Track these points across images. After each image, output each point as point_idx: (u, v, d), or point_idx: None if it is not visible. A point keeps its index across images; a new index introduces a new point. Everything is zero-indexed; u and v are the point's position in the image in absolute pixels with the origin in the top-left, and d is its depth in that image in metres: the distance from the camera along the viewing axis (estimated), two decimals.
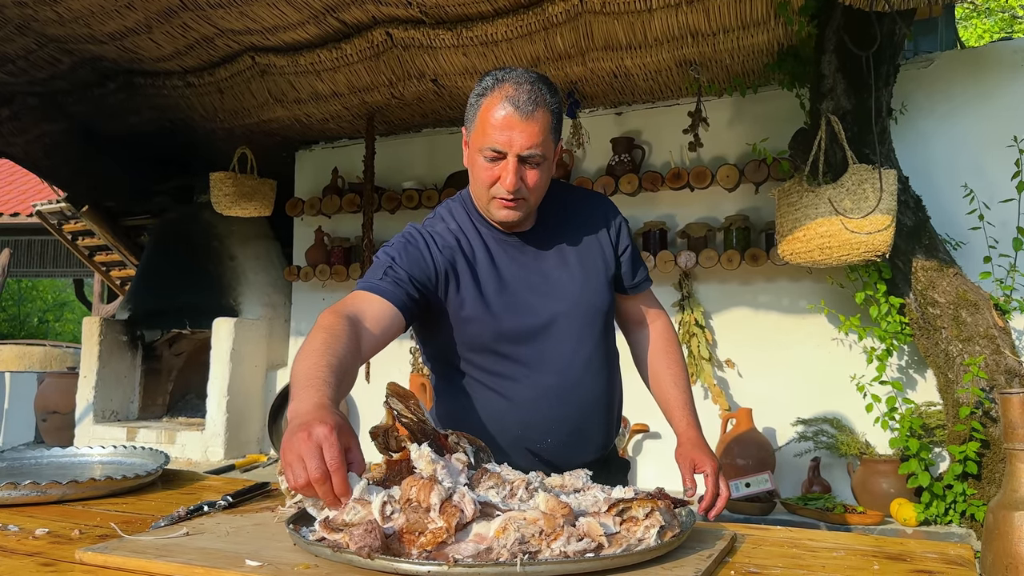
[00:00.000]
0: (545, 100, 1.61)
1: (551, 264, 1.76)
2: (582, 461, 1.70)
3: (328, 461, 1.13)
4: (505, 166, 1.59)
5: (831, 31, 3.31)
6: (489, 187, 1.63)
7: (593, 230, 1.84)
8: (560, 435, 1.74)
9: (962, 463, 3.11)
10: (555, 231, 1.79)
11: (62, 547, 1.25)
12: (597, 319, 1.80)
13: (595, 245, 1.83)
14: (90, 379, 5.51)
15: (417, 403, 1.35)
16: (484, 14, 3.63)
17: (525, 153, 1.59)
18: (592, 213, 1.86)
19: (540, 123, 1.59)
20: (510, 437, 1.73)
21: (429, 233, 1.73)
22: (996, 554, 1.40)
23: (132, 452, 1.99)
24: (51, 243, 9.52)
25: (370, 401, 5.00)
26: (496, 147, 1.59)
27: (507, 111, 1.57)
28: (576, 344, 1.75)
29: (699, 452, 1.79)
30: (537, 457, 1.74)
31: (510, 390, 1.72)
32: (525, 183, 1.62)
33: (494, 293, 1.70)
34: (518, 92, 1.59)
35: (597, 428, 1.81)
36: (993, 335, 3.14)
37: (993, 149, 3.56)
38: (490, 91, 1.62)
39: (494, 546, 1.07)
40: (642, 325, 1.99)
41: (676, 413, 1.89)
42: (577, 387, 1.75)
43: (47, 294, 21.53)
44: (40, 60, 4.37)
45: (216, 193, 4.89)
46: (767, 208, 3.98)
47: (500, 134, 1.58)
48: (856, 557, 1.25)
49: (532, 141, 1.58)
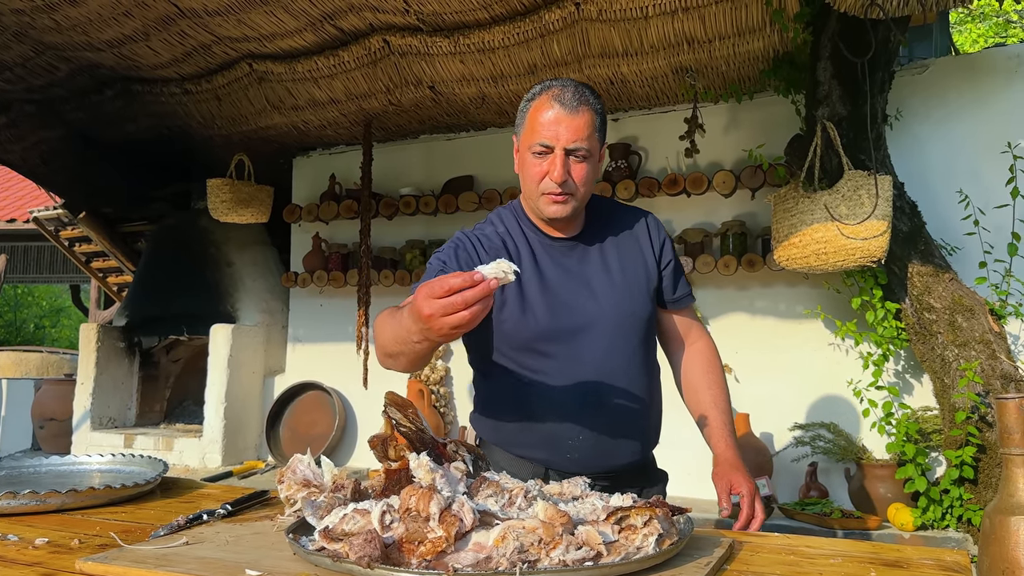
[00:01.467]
0: (589, 101, 1.72)
1: (594, 269, 1.83)
2: (616, 464, 1.79)
3: (433, 289, 1.22)
4: (553, 160, 1.69)
5: (826, 38, 3.33)
6: (539, 182, 1.73)
7: (636, 241, 1.90)
8: (592, 434, 1.76)
9: (958, 468, 3.11)
10: (600, 239, 1.86)
11: (62, 557, 1.25)
12: (636, 326, 1.84)
13: (638, 255, 1.89)
14: (87, 386, 5.50)
15: (415, 412, 1.36)
16: (481, 21, 3.64)
17: (571, 146, 1.68)
18: (637, 225, 1.93)
19: (585, 119, 1.69)
20: (544, 433, 1.77)
21: (476, 236, 1.83)
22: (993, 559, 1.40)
23: (131, 460, 1.99)
24: (48, 249, 9.52)
25: (369, 409, 5.00)
26: (544, 141, 1.69)
27: (554, 108, 1.69)
28: (613, 347, 1.79)
29: (737, 474, 1.84)
30: (569, 456, 1.76)
31: (545, 386, 1.76)
32: (572, 177, 1.71)
33: (536, 293, 1.77)
34: (563, 92, 1.70)
35: (632, 432, 1.83)
36: (989, 340, 3.15)
37: (988, 155, 3.58)
38: (538, 95, 1.74)
39: (493, 555, 1.07)
40: (683, 343, 2.03)
41: (715, 434, 1.92)
42: (611, 388, 1.78)
43: (43, 300, 21.50)
44: (37, 67, 4.38)
45: (213, 200, 4.90)
46: (763, 214, 3.99)
47: (547, 130, 1.69)
48: (853, 564, 1.26)
49: (578, 135, 1.68)
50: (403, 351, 1.50)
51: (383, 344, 1.58)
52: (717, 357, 2.03)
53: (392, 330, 1.51)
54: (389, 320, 1.55)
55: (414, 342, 1.39)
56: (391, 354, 1.57)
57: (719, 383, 1.98)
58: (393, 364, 1.61)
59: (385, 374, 4.84)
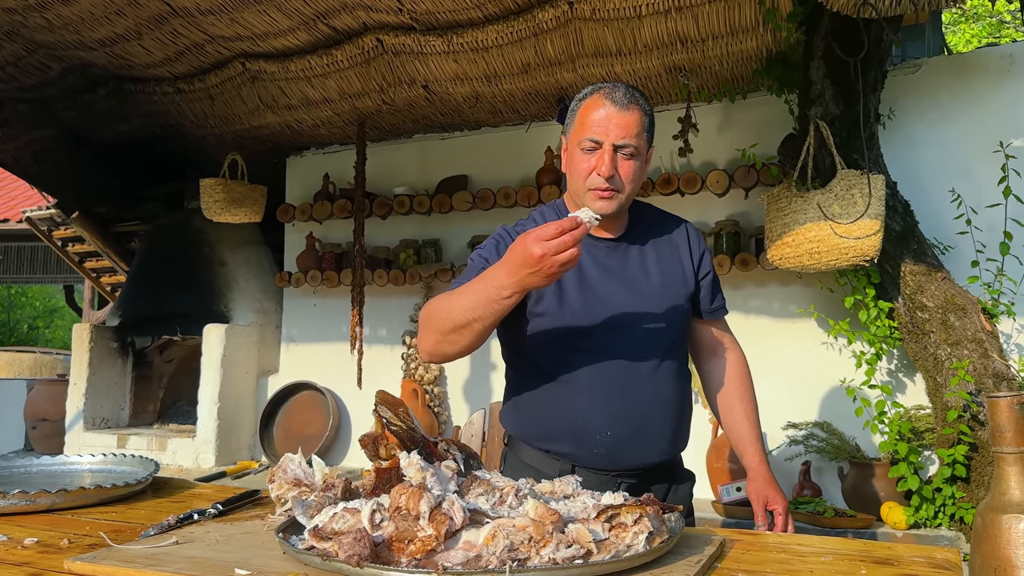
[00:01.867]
0: (639, 102, 1.75)
1: (634, 271, 1.84)
2: (644, 462, 1.80)
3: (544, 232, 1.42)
4: (601, 155, 1.72)
5: (819, 37, 3.33)
6: (586, 178, 1.75)
7: (676, 249, 1.92)
8: (620, 430, 1.77)
9: (951, 466, 3.12)
10: (641, 242, 1.88)
11: (51, 557, 1.25)
12: (670, 331, 1.85)
13: (677, 263, 1.91)
14: (80, 386, 5.48)
15: (406, 410, 1.35)
16: (474, 20, 3.64)
17: (620, 142, 1.71)
18: (677, 233, 1.95)
19: (635, 117, 1.73)
20: (571, 427, 1.77)
21: (517, 232, 1.82)
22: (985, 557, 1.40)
23: (122, 460, 1.99)
24: (41, 249, 9.49)
25: (363, 409, 5.00)
26: (593, 136, 1.72)
27: (604, 105, 1.73)
28: (646, 348, 1.80)
29: (772, 489, 1.89)
30: (596, 451, 1.77)
31: (576, 381, 1.77)
32: (619, 173, 1.73)
33: (575, 290, 1.79)
34: (615, 91, 1.74)
35: (660, 432, 1.82)
36: (981, 339, 3.16)
37: (980, 154, 3.59)
38: (589, 95, 1.78)
39: (483, 553, 1.07)
40: (716, 354, 2.06)
41: (749, 448, 1.96)
42: (642, 387, 1.79)
43: (37, 300, 21.44)
44: (29, 66, 4.36)
45: (207, 199, 4.89)
46: (757, 213, 4.00)
47: (597, 126, 1.72)
48: (844, 562, 1.26)
49: (627, 132, 1.72)
50: (480, 316, 1.57)
51: (448, 319, 1.61)
52: (749, 370, 2.07)
53: (464, 301, 1.59)
54: (452, 297, 1.63)
55: (503, 298, 1.52)
56: (461, 326, 1.60)
57: (751, 397, 2.03)
58: (458, 340, 1.63)
59: (379, 373, 4.83)
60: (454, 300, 1.61)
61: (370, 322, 4.92)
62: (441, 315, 1.63)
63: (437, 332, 1.64)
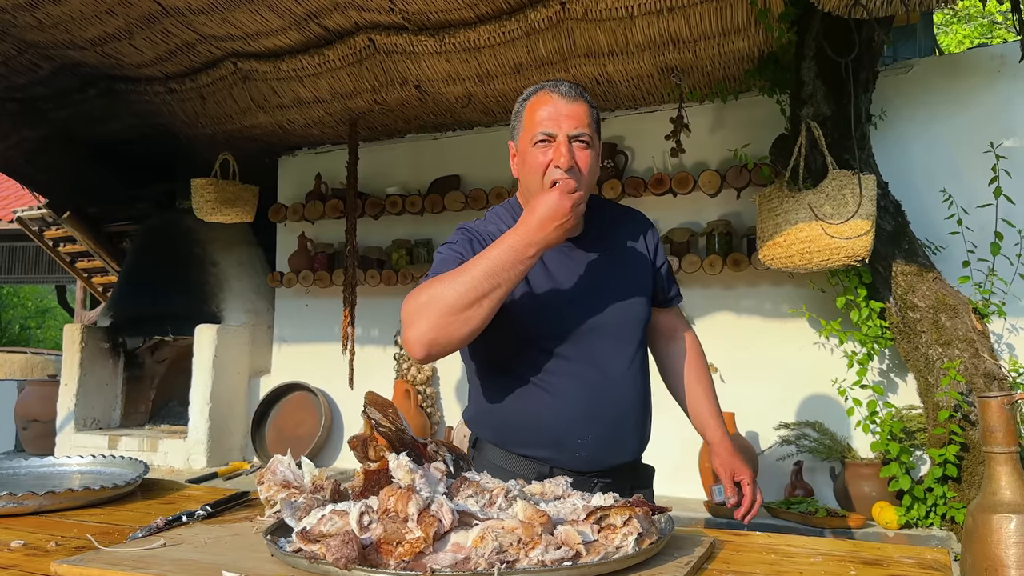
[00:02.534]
0: (584, 96, 1.76)
1: (600, 269, 1.84)
2: (620, 461, 1.82)
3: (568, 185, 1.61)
4: (557, 146, 1.70)
5: (811, 38, 3.34)
6: (543, 173, 1.71)
7: (636, 243, 1.93)
8: (601, 432, 1.77)
9: (942, 466, 3.13)
10: (602, 239, 1.88)
11: (37, 559, 1.24)
12: (638, 326, 1.87)
13: (639, 257, 1.92)
14: (71, 387, 5.46)
15: (395, 412, 1.35)
16: (466, 20, 3.63)
17: (574, 132, 1.70)
18: (634, 227, 1.96)
19: (583, 108, 1.73)
20: (553, 433, 1.77)
21: (479, 233, 1.81)
22: (976, 557, 1.41)
23: (111, 461, 1.98)
24: (32, 249, 9.45)
25: (355, 409, 4.99)
26: (546, 130, 1.71)
27: (552, 99, 1.73)
28: (620, 346, 1.82)
29: (738, 461, 1.96)
30: (578, 454, 1.77)
31: (555, 386, 1.76)
32: (578, 165, 1.70)
33: (546, 292, 1.77)
34: (559, 86, 1.75)
35: (634, 429, 1.85)
36: (972, 339, 3.17)
37: (971, 154, 3.59)
38: (533, 94, 1.78)
39: (472, 555, 1.07)
40: (672, 339, 2.10)
41: (710, 423, 2.02)
42: (618, 387, 1.80)
43: (29, 301, 21.34)
44: (19, 66, 4.34)
45: (198, 199, 4.87)
46: (749, 213, 4.00)
47: (548, 119, 1.71)
48: (834, 562, 1.26)
49: (579, 122, 1.71)
50: (503, 281, 1.54)
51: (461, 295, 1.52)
52: (703, 353, 2.12)
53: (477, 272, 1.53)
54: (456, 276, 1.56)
55: (528, 257, 1.56)
56: (480, 296, 1.53)
57: (708, 377, 2.08)
58: (475, 315, 1.54)
59: (371, 374, 4.82)
60: (462, 277, 1.54)
61: (362, 322, 4.91)
62: (449, 294, 1.53)
63: (445, 314, 1.53)
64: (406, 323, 1.57)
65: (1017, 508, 1.38)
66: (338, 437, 5.08)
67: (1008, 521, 1.37)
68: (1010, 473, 1.43)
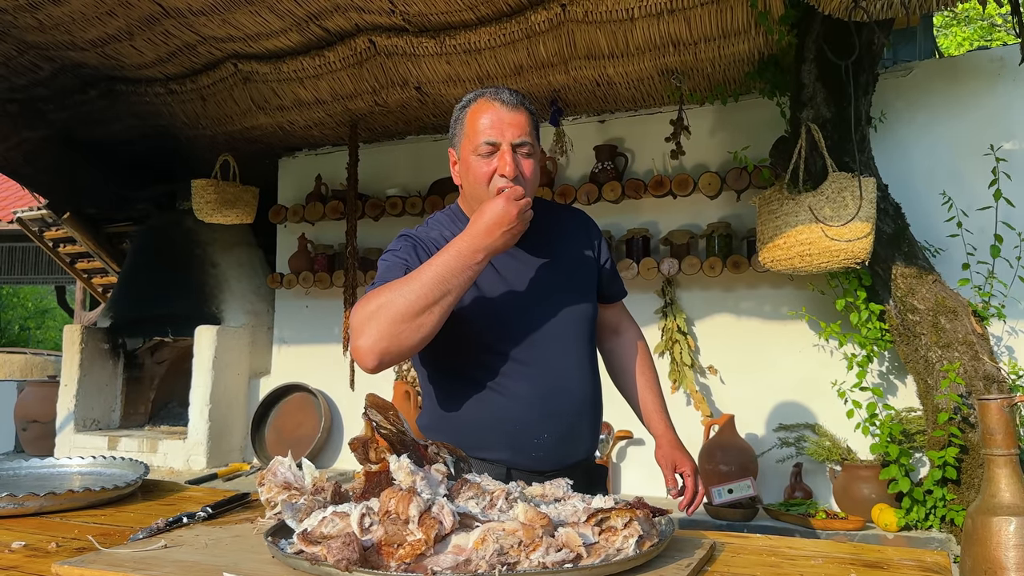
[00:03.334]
0: (525, 103, 1.76)
1: (544, 270, 1.84)
2: (574, 460, 1.81)
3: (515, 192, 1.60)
4: (501, 155, 1.70)
5: (811, 40, 3.34)
6: (487, 183, 1.72)
7: (579, 242, 1.94)
8: (555, 432, 1.77)
9: (941, 468, 3.13)
10: (545, 241, 1.86)
11: (38, 561, 1.24)
12: (586, 324, 1.88)
13: (582, 256, 1.93)
14: (71, 388, 5.46)
15: (396, 414, 1.35)
16: (467, 22, 3.64)
17: (517, 140, 1.71)
18: (577, 226, 1.97)
19: (524, 117, 1.74)
20: (507, 434, 1.76)
21: (422, 240, 1.80)
22: (975, 559, 1.41)
23: (111, 463, 1.98)
24: (32, 250, 9.45)
25: (355, 411, 4.99)
26: (489, 139, 1.71)
27: (494, 107, 1.72)
28: (568, 345, 1.82)
29: (679, 453, 1.94)
30: (534, 454, 1.77)
31: (509, 388, 1.75)
32: (522, 172, 1.72)
33: (495, 295, 1.77)
34: (499, 93, 1.75)
35: (587, 428, 1.85)
36: (972, 341, 3.17)
37: (971, 157, 3.60)
38: (473, 102, 1.78)
39: (473, 557, 1.07)
40: (616, 333, 2.12)
41: (653, 416, 2.02)
42: (569, 386, 1.81)
43: (29, 301, 21.33)
44: (20, 67, 4.34)
45: (198, 200, 4.87)
46: (749, 215, 4.00)
47: (491, 128, 1.71)
48: (834, 565, 1.26)
49: (521, 130, 1.72)
50: (453, 287, 1.55)
51: (411, 303, 1.52)
52: (647, 345, 2.12)
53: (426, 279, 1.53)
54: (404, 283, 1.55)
55: (477, 263, 1.57)
56: (431, 303, 1.53)
57: (652, 368, 2.08)
58: (426, 322, 1.54)
59: (371, 375, 4.82)
60: (410, 285, 1.53)
61: None
62: (400, 302, 1.52)
63: (396, 321, 1.51)
64: (355, 332, 1.55)
65: (1016, 510, 1.38)
66: (338, 438, 5.08)
67: (1007, 523, 1.38)
68: (1009, 475, 1.44)
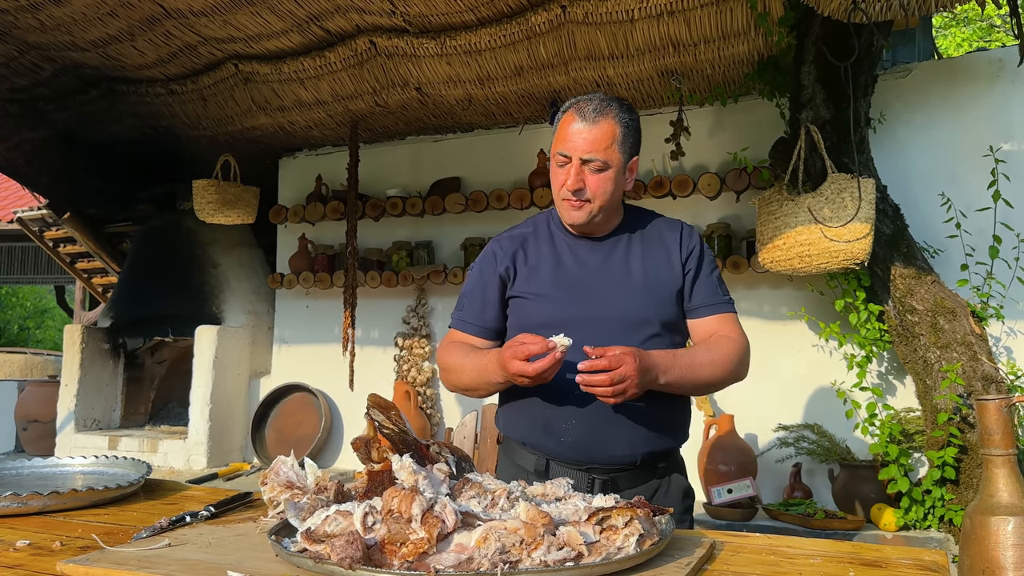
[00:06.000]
0: (611, 114, 1.81)
1: (614, 269, 1.89)
2: (609, 455, 1.81)
3: (517, 352, 1.65)
4: (569, 169, 1.80)
5: (810, 42, 3.35)
6: (559, 190, 1.84)
7: (665, 249, 1.93)
8: (583, 420, 1.79)
9: (940, 468, 3.14)
10: (628, 242, 1.93)
11: (43, 559, 1.25)
12: (646, 327, 1.84)
13: (664, 263, 1.91)
14: (71, 387, 5.47)
15: (398, 414, 1.36)
16: (467, 23, 3.65)
17: (586, 156, 1.79)
18: (668, 235, 1.95)
19: (602, 132, 1.79)
20: (540, 418, 1.84)
21: (498, 243, 1.99)
22: (973, 559, 1.42)
23: (114, 462, 1.99)
24: (32, 249, 9.45)
25: (355, 410, 5.00)
26: (562, 151, 1.82)
27: (574, 120, 1.81)
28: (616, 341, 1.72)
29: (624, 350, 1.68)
30: (563, 439, 1.81)
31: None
32: (588, 186, 1.80)
33: (549, 284, 1.88)
34: (586, 106, 1.82)
35: (627, 427, 1.80)
36: (970, 342, 3.18)
37: (970, 158, 3.61)
38: (566, 111, 1.86)
39: (475, 556, 1.08)
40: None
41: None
42: None
43: (28, 301, 21.32)
44: (21, 67, 4.35)
45: (199, 200, 4.88)
46: (748, 216, 4.01)
47: (567, 140, 1.81)
48: (833, 564, 1.27)
49: (592, 147, 1.78)
50: (483, 388, 1.85)
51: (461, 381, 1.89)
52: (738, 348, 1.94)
53: (473, 371, 1.84)
54: (466, 360, 1.86)
55: (498, 382, 1.79)
56: (470, 390, 1.89)
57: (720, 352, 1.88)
58: (470, 394, 1.91)
59: (371, 375, 4.84)
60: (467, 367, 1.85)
61: (362, 324, 4.92)
62: (453, 374, 1.90)
63: (453, 385, 1.93)
64: (442, 371, 1.96)
65: (1014, 510, 1.39)
66: (338, 438, 5.09)
67: (1006, 523, 1.38)
68: (1008, 475, 1.44)
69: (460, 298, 2.00)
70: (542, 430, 1.83)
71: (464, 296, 1.99)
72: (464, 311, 1.97)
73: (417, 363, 4.82)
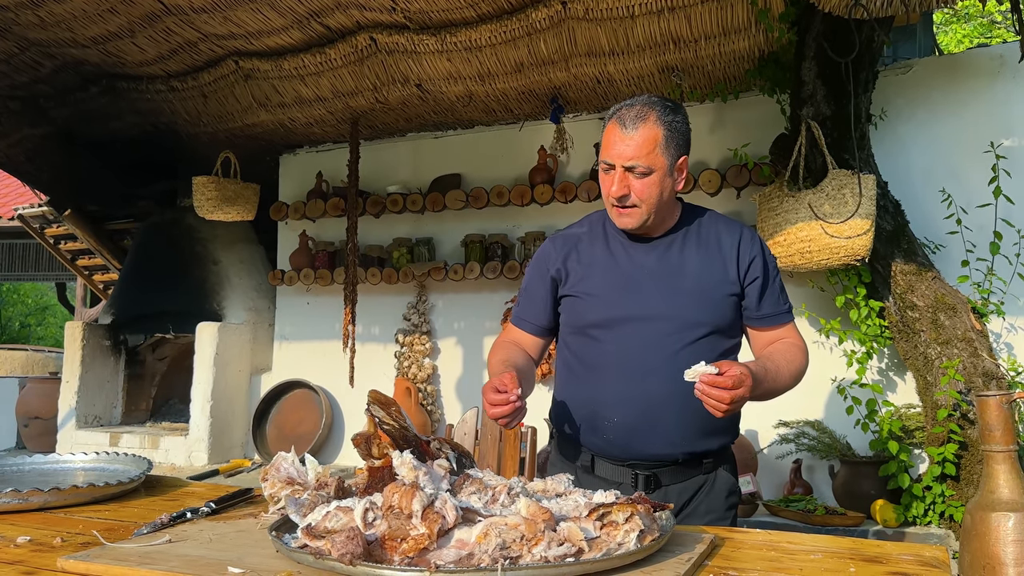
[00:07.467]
0: (653, 118, 1.80)
1: (667, 267, 1.88)
2: (653, 452, 1.84)
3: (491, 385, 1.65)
4: (614, 176, 1.81)
5: (811, 38, 3.34)
6: (607, 197, 1.85)
7: (722, 252, 1.90)
8: (629, 417, 1.82)
9: (940, 465, 3.14)
10: (683, 242, 1.91)
11: (44, 555, 1.25)
12: (696, 329, 1.84)
13: (719, 266, 1.89)
14: (72, 384, 5.47)
15: (399, 410, 1.36)
16: (468, 20, 3.64)
17: (628, 164, 1.78)
18: (727, 238, 1.92)
19: (643, 137, 1.78)
20: (584, 413, 1.88)
21: (553, 241, 2.02)
22: (974, 555, 1.42)
23: (115, 458, 1.99)
24: (33, 246, 9.45)
25: (356, 407, 5.00)
26: (606, 160, 1.82)
27: (615, 129, 1.81)
28: (662, 343, 1.82)
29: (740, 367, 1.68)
30: (606, 436, 1.84)
31: (593, 370, 1.87)
32: (633, 191, 1.80)
33: (599, 283, 1.90)
34: (626, 112, 1.81)
35: (672, 425, 1.81)
36: (971, 338, 3.18)
37: (970, 154, 3.60)
38: (608, 119, 1.86)
39: (476, 552, 1.08)
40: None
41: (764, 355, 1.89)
42: (651, 376, 1.80)
43: (29, 298, 21.34)
44: (22, 64, 4.35)
45: (199, 197, 4.88)
46: (749, 212, 4.01)
47: (610, 149, 1.81)
48: (833, 559, 1.27)
49: (633, 153, 1.78)
50: None
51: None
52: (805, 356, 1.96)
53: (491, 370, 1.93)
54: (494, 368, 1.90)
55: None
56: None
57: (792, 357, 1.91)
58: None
59: (372, 371, 4.84)
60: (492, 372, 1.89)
61: (363, 320, 4.92)
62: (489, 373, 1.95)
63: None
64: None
65: (1015, 506, 1.39)
66: (339, 434, 5.09)
67: (1006, 519, 1.38)
68: (1008, 471, 1.44)
69: (519, 293, 2.08)
70: (587, 426, 1.87)
71: (521, 292, 2.06)
72: (520, 307, 2.04)
73: (418, 359, 4.82)
